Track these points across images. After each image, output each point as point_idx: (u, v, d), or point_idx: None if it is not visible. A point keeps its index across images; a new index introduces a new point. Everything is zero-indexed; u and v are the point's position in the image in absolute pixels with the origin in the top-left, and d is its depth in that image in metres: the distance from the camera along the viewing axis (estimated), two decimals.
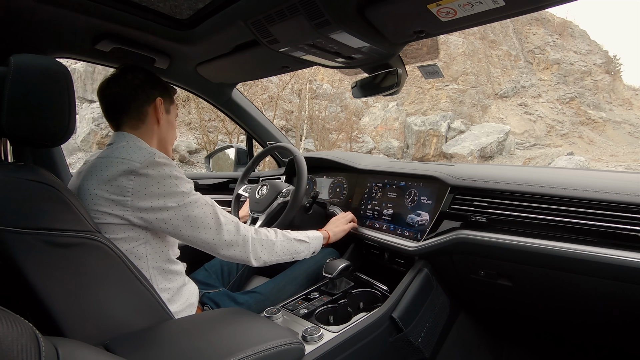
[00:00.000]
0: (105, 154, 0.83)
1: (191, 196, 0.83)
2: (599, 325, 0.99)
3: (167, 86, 0.99)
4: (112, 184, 0.76)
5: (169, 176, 0.80)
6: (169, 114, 0.99)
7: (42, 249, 0.61)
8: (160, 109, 0.94)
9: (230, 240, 0.88)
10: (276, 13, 0.86)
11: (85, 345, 0.47)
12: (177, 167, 0.84)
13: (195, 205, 0.83)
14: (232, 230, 0.89)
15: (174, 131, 1.02)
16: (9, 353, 0.31)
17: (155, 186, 0.78)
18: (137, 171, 0.77)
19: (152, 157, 0.79)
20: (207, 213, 0.85)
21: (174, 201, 0.80)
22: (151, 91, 0.93)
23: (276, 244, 0.97)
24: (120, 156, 0.79)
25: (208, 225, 0.85)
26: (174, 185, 0.80)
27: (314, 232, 1.14)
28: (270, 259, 0.96)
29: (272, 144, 1.56)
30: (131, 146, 0.82)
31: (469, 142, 15.15)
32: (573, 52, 22.79)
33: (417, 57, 1.21)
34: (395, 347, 0.98)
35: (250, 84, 11.23)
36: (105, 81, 0.91)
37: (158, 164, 0.79)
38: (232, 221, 0.90)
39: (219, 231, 0.86)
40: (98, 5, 0.93)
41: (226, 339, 0.69)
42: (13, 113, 0.63)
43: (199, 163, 11.06)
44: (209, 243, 0.86)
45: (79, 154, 10.09)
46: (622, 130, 19.98)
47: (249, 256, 0.91)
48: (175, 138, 1.04)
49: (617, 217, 0.81)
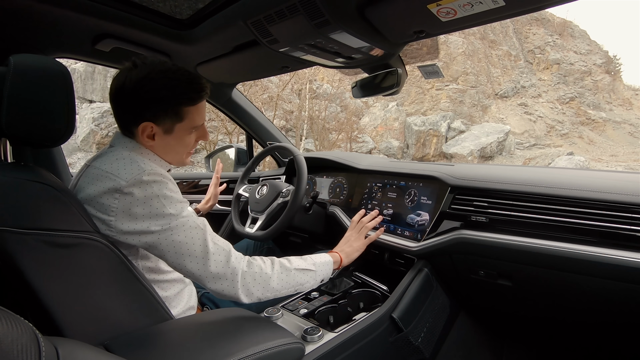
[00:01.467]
0: (97, 163, 0.76)
1: (179, 219, 0.74)
2: (599, 325, 0.99)
3: (173, 103, 0.76)
4: (97, 201, 0.71)
5: (156, 196, 0.72)
6: (170, 134, 0.80)
7: (42, 249, 0.61)
8: (149, 133, 0.78)
9: (217, 273, 0.76)
10: (276, 13, 0.86)
11: (85, 345, 0.47)
12: (169, 185, 0.75)
13: (182, 229, 0.74)
14: (220, 261, 0.76)
15: (177, 149, 0.83)
16: (9, 353, 0.31)
17: (140, 207, 0.71)
18: (122, 190, 0.70)
19: (140, 176, 0.71)
20: (194, 239, 0.75)
21: (159, 224, 0.72)
22: (139, 113, 0.76)
23: (272, 278, 0.83)
24: (109, 170, 0.72)
25: (194, 253, 0.74)
26: (161, 206, 0.72)
27: (322, 257, 0.98)
28: (266, 295, 0.82)
29: (272, 144, 1.57)
30: (124, 157, 0.74)
31: (469, 142, 15.15)
32: (573, 52, 22.80)
33: (417, 57, 1.21)
34: (395, 347, 0.98)
35: (250, 84, 11.23)
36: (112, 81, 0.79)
37: (145, 183, 0.71)
38: (223, 250, 0.78)
39: (206, 261, 0.75)
40: (98, 5, 0.93)
41: (226, 339, 0.69)
42: (13, 113, 0.63)
43: (199, 163, 11.06)
44: (194, 274, 0.75)
45: (79, 154, 10.09)
46: (622, 130, 19.98)
47: (237, 292, 0.77)
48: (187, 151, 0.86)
49: (617, 217, 0.81)
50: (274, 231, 1.23)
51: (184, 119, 0.79)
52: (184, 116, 0.79)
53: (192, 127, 0.82)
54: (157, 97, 0.75)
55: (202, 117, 0.83)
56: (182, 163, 0.89)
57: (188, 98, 0.78)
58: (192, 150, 0.88)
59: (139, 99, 0.74)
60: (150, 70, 0.75)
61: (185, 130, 0.81)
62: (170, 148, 0.82)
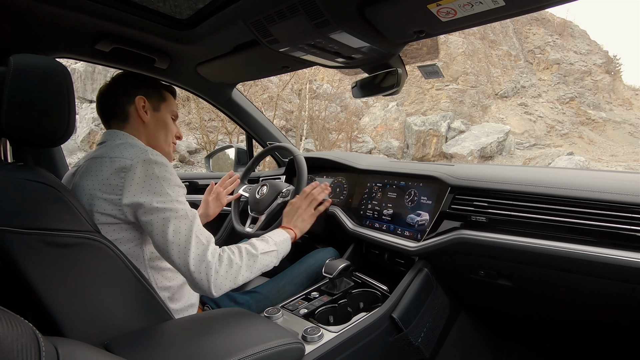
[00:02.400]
0: (99, 153, 0.82)
1: (174, 203, 0.78)
2: (598, 325, 0.99)
3: (155, 84, 0.98)
4: (104, 183, 0.77)
5: (156, 176, 0.78)
6: (158, 112, 0.97)
7: (42, 249, 0.61)
8: (143, 107, 0.93)
9: (193, 265, 0.77)
10: (276, 13, 0.86)
11: (85, 345, 0.47)
12: (169, 168, 0.81)
13: (174, 215, 0.78)
14: (198, 254, 0.78)
15: (166, 129, 0.98)
16: (9, 353, 0.31)
17: (140, 182, 0.77)
18: (127, 167, 0.76)
19: (145, 154, 0.78)
20: (181, 227, 0.78)
21: (157, 200, 0.76)
22: (133, 90, 0.93)
23: (242, 268, 0.85)
24: (113, 155, 0.79)
25: (178, 240, 0.77)
26: (160, 186, 0.78)
27: (281, 234, 1.02)
28: (237, 284, 0.84)
29: (272, 144, 1.57)
30: (124, 144, 0.82)
31: (469, 142, 15.15)
32: (573, 52, 22.80)
33: (417, 57, 1.21)
34: (395, 347, 0.98)
35: (250, 84, 11.23)
36: (98, 92, 0.95)
37: (149, 162, 0.78)
38: (203, 244, 0.80)
39: (187, 251, 0.77)
40: (98, 5, 0.93)
41: (226, 339, 0.69)
42: (13, 113, 0.63)
43: (199, 163, 11.06)
44: (174, 261, 0.78)
45: (79, 154, 10.09)
46: (622, 130, 19.98)
47: (209, 286, 0.79)
48: (174, 136, 1.01)
49: (617, 217, 0.81)
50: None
51: (165, 99, 0.99)
52: (165, 97, 0.99)
53: (172, 110, 1.00)
54: (144, 78, 0.98)
55: (176, 109, 1.03)
56: (169, 153, 1.00)
57: (164, 84, 1.02)
58: (174, 141, 1.02)
59: (131, 79, 0.95)
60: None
61: (168, 111, 0.99)
62: (160, 126, 0.97)
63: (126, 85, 0.93)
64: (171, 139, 1.00)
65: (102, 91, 0.94)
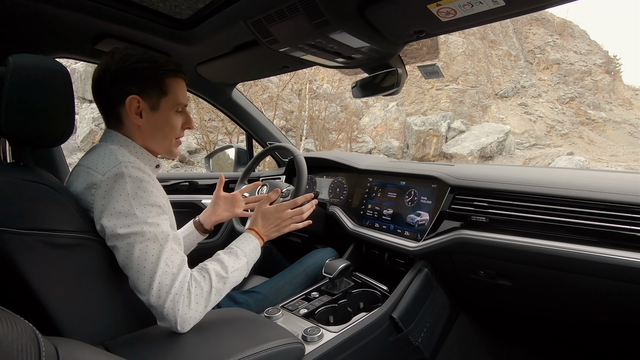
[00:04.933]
0: (82, 160, 0.75)
1: (141, 225, 0.68)
2: (598, 325, 0.99)
3: (153, 73, 0.77)
4: (80, 198, 0.71)
5: (126, 193, 0.68)
6: (157, 111, 0.79)
7: (41, 249, 0.61)
8: (136, 108, 0.77)
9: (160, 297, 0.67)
10: (276, 13, 0.86)
11: (85, 345, 0.47)
12: (144, 184, 0.70)
13: (139, 239, 0.67)
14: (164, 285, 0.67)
15: (166, 129, 0.82)
16: (9, 353, 0.31)
17: (106, 202, 0.67)
18: (97, 183, 0.68)
19: (117, 168, 0.69)
20: (148, 254, 0.67)
21: (120, 225, 0.67)
22: (124, 87, 0.75)
23: (211, 294, 0.73)
24: (89, 165, 0.71)
25: (142, 269, 0.67)
26: (127, 205, 0.67)
27: (249, 242, 0.87)
28: (207, 310, 0.73)
29: (272, 144, 1.57)
30: (105, 152, 0.73)
31: (469, 142, 15.15)
32: (573, 52, 22.79)
33: (417, 57, 1.21)
34: (395, 347, 0.98)
35: (250, 84, 11.23)
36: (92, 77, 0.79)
37: (121, 176, 0.68)
38: (172, 273, 0.68)
39: (152, 282, 0.67)
40: (98, 5, 0.93)
41: (226, 339, 0.69)
42: (12, 113, 0.63)
43: (199, 163, 11.06)
44: (139, 292, 0.68)
45: (79, 154, 10.09)
46: (622, 130, 19.97)
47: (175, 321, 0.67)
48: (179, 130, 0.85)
49: (617, 217, 0.81)
50: None
51: (168, 92, 0.79)
52: (168, 89, 0.79)
53: (177, 103, 0.81)
54: (140, 68, 0.76)
55: (185, 96, 0.84)
56: (171, 152, 0.86)
57: (169, 69, 0.79)
58: (179, 136, 0.86)
59: (122, 74, 0.75)
60: (129, 50, 0.78)
61: (171, 106, 0.81)
62: (158, 128, 0.81)
63: (116, 78, 0.75)
64: (173, 136, 0.84)
65: (94, 77, 0.78)
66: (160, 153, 0.86)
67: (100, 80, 0.76)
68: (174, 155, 0.88)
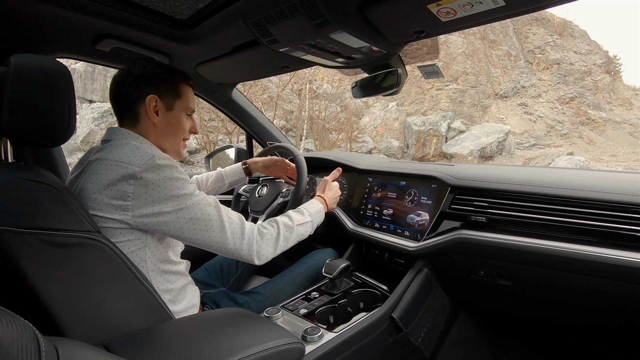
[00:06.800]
0: (104, 155, 0.79)
1: (194, 197, 0.81)
2: (598, 325, 0.99)
3: (171, 78, 0.90)
4: (112, 188, 0.74)
5: (169, 179, 0.77)
6: (171, 111, 0.90)
7: (42, 249, 0.61)
8: (154, 107, 0.87)
9: (234, 242, 0.86)
10: (276, 13, 0.86)
11: (85, 345, 0.47)
12: (178, 168, 0.81)
13: (198, 207, 0.81)
14: (236, 232, 0.87)
15: (177, 129, 0.93)
16: (9, 353, 0.31)
17: (156, 190, 0.76)
18: (136, 175, 0.74)
19: (152, 160, 0.76)
20: (210, 215, 0.83)
21: (177, 204, 0.78)
22: (144, 88, 0.86)
23: (279, 239, 0.95)
24: (119, 159, 0.76)
25: (211, 227, 0.83)
26: (175, 188, 0.78)
27: (314, 205, 1.12)
28: (276, 253, 0.95)
29: (272, 144, 1.57)
30: (130, 147, 0.79)
31: (469, 142, 15.15)
32: (573, 52, 22.80)
33: (417, 57, 1.21)
34: (395, 347, 0.98)
35: (250, 84, 11.24)
36: (112, 80, 0.89)
37: (158, 167, 0.76)
38: (237, 223, 0.88)
39: (223, 233, 0.84)
40: (98, 5, 0.94)
41: (226, 339, 0.69)
42: (13, 113, 0.63)
43: (199, 163, 11.06)
44: (212, 246, 0.85)
45: (79, 154, 10.09)
46: (622, 130, 19.98)
47: (252, 257, 0.89)
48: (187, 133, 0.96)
49: (617, 217, 0.81)
50: None
51: (181, 95, 0.92)
52: (182, 93, 0.92)
53: (188, 107, 0.94)
54: (159, 73, 0.89)
55: (194, 103, 0.97)
56: (179, 153, 0.96)
57: (182, 77, 0.93)
58: (186, 139, 0.98)
59: (144, 76, 0.87)
60: (149, 59, 0.91)
61: (183, 109, 0.93)
62: (171, 127, 0.92)
63: (138, 79, 0.86)
64: (182, 137, 0.96)
65: (116, 80, 0.87)
66: (169, 152, 0.92)
67: (122, 83, 0.86)
68: (181, 156, 0.98)
